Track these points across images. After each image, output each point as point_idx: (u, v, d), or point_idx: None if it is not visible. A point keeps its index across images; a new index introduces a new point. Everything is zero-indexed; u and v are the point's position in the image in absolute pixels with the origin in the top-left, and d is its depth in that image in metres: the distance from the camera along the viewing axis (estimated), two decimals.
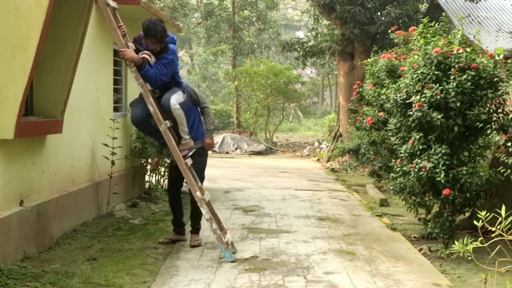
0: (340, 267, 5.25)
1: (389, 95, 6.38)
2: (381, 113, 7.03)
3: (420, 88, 5.87)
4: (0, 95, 4.61)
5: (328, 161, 16.22)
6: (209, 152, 6.77)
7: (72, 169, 6.39)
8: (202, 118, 6.29)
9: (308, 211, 8.23)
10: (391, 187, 6.47)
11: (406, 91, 6.04)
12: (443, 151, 5.70)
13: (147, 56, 5.61)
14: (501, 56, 5.81)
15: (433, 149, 5.79)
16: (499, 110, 5.92)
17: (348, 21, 14.57)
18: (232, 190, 10.15)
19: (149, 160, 8.35)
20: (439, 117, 5.67)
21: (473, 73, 5.62)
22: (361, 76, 13.79)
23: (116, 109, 8.19)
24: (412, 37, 6.87)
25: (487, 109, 5.77)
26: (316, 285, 4.73)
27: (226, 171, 13.58)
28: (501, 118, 5.81)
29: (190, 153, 5.87)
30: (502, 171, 5.43)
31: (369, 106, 7.85)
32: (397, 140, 6.37)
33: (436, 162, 5.67)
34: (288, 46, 16.89)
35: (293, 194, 9.95)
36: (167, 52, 5.71)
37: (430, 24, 6.84)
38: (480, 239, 3.44)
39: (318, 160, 17.61)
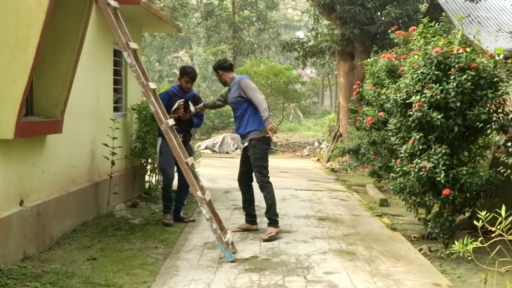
0: (340, 267, 5.26)
1: (389, 95, 6.38)
2: (381, 113, 7.03)
3: (420, 88, 5.87)
4: (0, 95, 4.61)
5: (328, 161, 16.22)
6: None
7: (72, 169, 6.39)
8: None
9: (308, 211, 8.23)
10: (391, 187, 6.47)
11: (406, 91, 6.03)
12: (443, 151, 5.70)
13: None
14: (501, 56, 5.80)
15: (433, 149, 5.79)
16: (499, 110, 5.92)
17: (348, 21, 14.56)
18: (232, 190, 10.15)
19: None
20: (439, 117, 5.67)
21: (473, 73, 5.62)
22: (361, 76, 13.79)
23: (116, 109, 8.19)
24: (412, 37, 6.87)
25: (487, 109, 5.77)
26: (316, 285, 4.73)
27: (226, 171, 13.57)
28: (501, 118, 5.81)
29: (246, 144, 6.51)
30: (502, 171, 5.43)
31: (369, 106, 7.84)
32: (397, 140, 6.37)
33: (436, 162, 5.67)
34: (288, 46, 16.88)
35: (293, 194, 9.95)
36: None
37: (430, 24, 6.84)
38: (480, 239, 3.44)
39: (318, 160, 17.61)
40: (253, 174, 6.56)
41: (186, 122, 7.06)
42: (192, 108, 6.98)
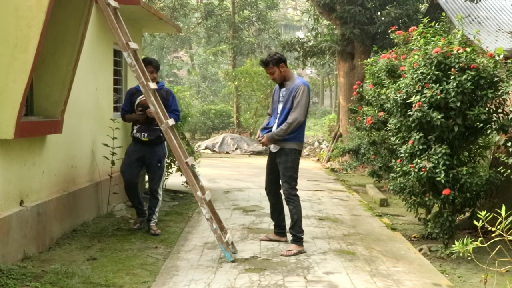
0: (340, 267, 5.26)
1: (389, 95, 6.38)
2: (381, 113, 7.03)
3: (420, 88, 5.87)
4: (0, 95, 4.61)
5: (328, 161, 16.23)
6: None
7: (72, 169, 6.39)
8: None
9: (308, 211, 8.22)
10: (391, 187, 6.47)
11: (406, 91, 6.04)
12: (443, 151, 5.70)
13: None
14: (501, 56, 5.80)
15: (433, 149, 5.79)
16: (499, 110, 5.92)
17: (348, 21, 14.57)
18: (232, 190, 10.16)
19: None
20: (439, 117, 5.67)
21: (473, 73, 5.62)
22: (361, 76, 13.80)
23: (116, 109, 8.18)
24: (412, 37, 6.87)
25: (487, 109, 5.77)
26: (316, 285, 4.73)
27: (226, 171, 13.59)
28: (501, 118, 5.81)
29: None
30: (502, 171, 5.43)
31: (369, 106, 7.84)
32: (397, 140, 6.37)
33: (436, 162, 5.67)
34: (288, 46, 16.88)
35: None
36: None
37: (430, 24, 6.84)
38: (480, 239, 3.44)
39: (318, 160, 17.62)
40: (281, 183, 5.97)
41: (151, 120, 6.24)
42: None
